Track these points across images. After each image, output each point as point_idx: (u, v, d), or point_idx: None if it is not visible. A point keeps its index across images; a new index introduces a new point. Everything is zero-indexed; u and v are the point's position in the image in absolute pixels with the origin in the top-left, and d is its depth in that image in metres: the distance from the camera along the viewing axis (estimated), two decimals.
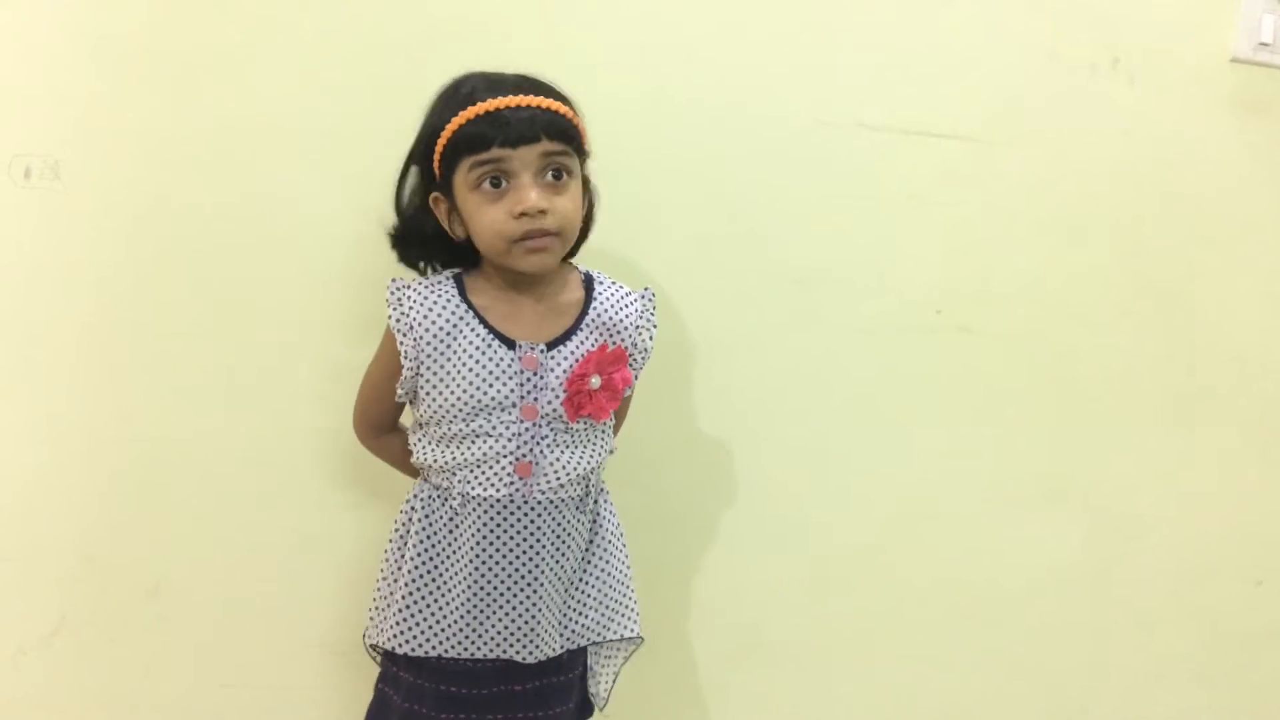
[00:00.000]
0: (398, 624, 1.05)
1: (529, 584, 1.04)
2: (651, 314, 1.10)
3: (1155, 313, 1.47)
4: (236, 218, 1.23)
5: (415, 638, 1.05)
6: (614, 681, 1.16)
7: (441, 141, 1.00)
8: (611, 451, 1.12)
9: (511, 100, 0.97)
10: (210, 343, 1.25)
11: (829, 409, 1.40)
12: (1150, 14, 1.41)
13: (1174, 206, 1.45)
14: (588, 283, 1.09)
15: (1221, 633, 1.53)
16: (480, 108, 0.97)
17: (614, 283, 1.11)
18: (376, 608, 1.09)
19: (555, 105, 1.00)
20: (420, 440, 1.07)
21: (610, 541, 1.12)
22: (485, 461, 1.03)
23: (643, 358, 1.10)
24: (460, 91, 1.01)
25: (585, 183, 1.07)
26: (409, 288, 1.05)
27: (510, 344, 1.03)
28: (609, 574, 1.11)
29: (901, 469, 1.42)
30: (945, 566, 1.45)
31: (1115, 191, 1.44)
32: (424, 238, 1.07)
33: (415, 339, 1.03)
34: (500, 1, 1.26)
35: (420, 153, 1.05)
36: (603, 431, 1.09)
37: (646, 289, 1.11)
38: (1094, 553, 1.48)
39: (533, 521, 1.04)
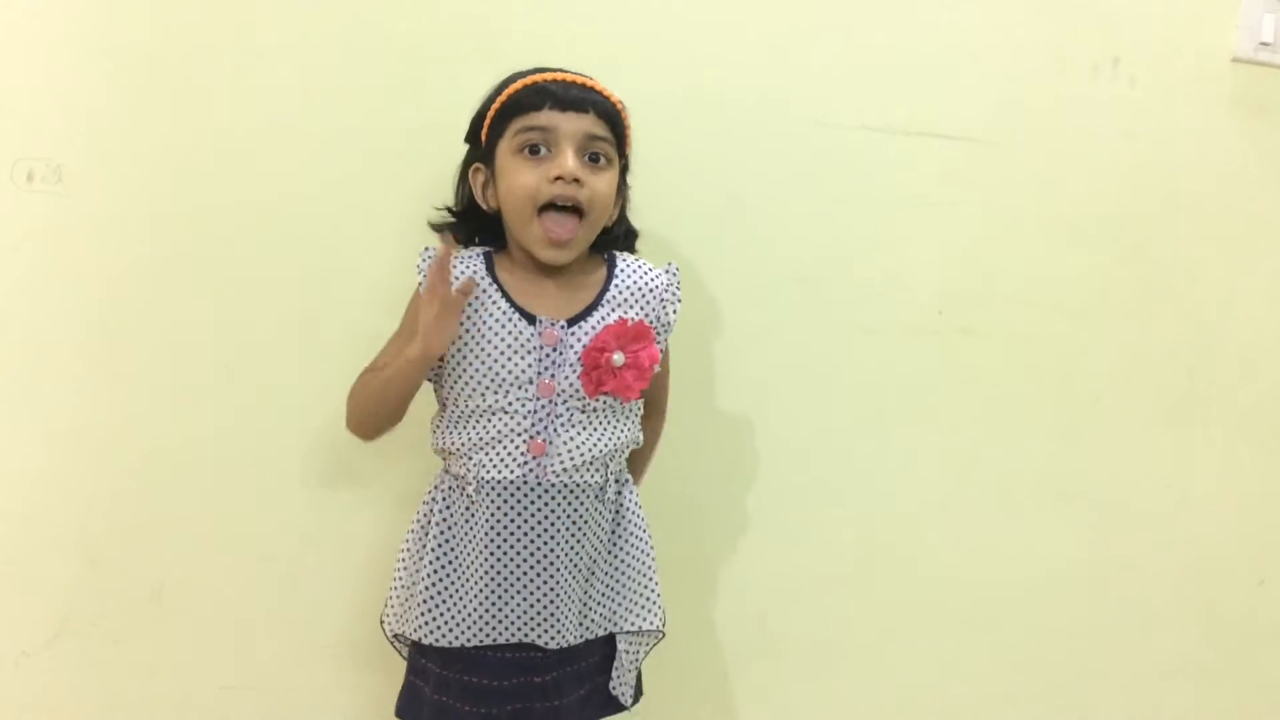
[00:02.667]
0: (422, 615, 1.06)
1: (545, 569, 1.04)
2: (676, 288, 1.11)
3: (1157, 312, 1.47)
4: (238, 221, 1.24)
5: (439, 628, 1.06)
6: (638, 677, 1.16)
7: (493, 109, 1.05)
8: (638, 443, 1.12)
9: (563, 76, 1.04)
10: (213, 345, 1.25)
11: (831, 408, 1.40)
12: (1151, 14, 1.42)
13: (1176, 206, 1.46)
14: (610, 261, 1.12)
15: (1224, 632, 1.53)
16: (537, 78, 1.04)
17: (637, 259, 1.13)
18: (397, 598, 1.10)
19: (602, 89, 1.05)
20: (440, 424, 1.08)
21: (632, 532, 1.12)
22: (500, 440, 1.03)
23: (665, 331, 1.11)
24: (515, 74, 1.06)
25: (621, 180, 1.11)
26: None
27: (531, 319, 1.05)
28: (629, 564, 1.12)
29: (904, 469, 1.43)
30: (947, 566, 1.45)
31: (1117, 191, 1.44)
32: (461, 211, 1.12)
33: None
34: (504, 3, 1.27)
35: (469, 134, 1.10)
36: (627, 416, 1.09)
37: (670, 263, 1.13)
38: (1096, 552, 1.48)
39: (547, 505, 1.04)
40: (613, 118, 1.05)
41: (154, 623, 1.27)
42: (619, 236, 1.14)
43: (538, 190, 1.02)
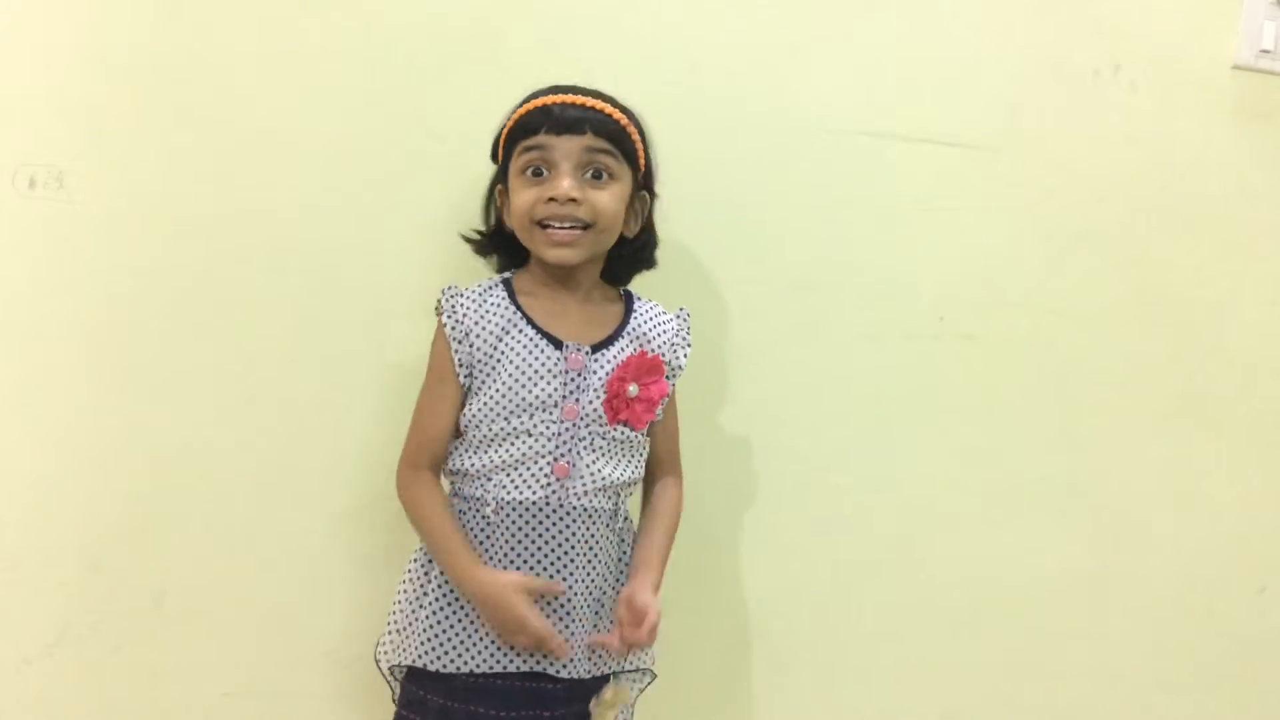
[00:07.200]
0: (427, 639, 1.04)
1: (562, 593, 1.04)
2: (686, 334, 1.15)
3: (1158, 319, 1.47)
4: (240, 226, 1.24)
5: (446, 653, 1.03)
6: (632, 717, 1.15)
7: (504, 131, 1.08)
8: (635, 482, 1.12)
9: (565, 98, 1.06)
10: (214, 350, 1.25)
11: (832, 415, 1.40)
12: (1152, 21, 1.42)
13: (1176, 213, 1.46)
14: (627, 298, 1.15)
15: (1225, 639, 1.53)
16: (537, 101, 1.06)
17: (651, 302, 1.16)
18: (397, 628, 1.08)
19: (604, 106, 1.06)
20: (458, 448, 1.08)
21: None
22: (524, 462, 1.04)
23: (674, 375, 1.13)
24: (531, 95, 1.09)
25: (637, 201, 1.12)
26: (462, 295, 1.09)
27: (558, 344, 1.06)
28: None
29: (905, 476, 1.42)
30: (948, 572, 1.44)
31: (1118, 198, 1.44)
32: (489, 231, 1.15)
33: (470, 346, 1.06)
34: (505, 9, 1.27)
35: (493, 153, 1.13)
36: (637, 448, 1.11)
37: (682, 309, 1.16)
38: (1097, 559, 1.48)
39: (568, 527, 1.04)
40: (612, 132, 1.06)
41: (156, 629, 1.26)
42: (640, 246, 1.15)
43: (533, 208, 1.05)
